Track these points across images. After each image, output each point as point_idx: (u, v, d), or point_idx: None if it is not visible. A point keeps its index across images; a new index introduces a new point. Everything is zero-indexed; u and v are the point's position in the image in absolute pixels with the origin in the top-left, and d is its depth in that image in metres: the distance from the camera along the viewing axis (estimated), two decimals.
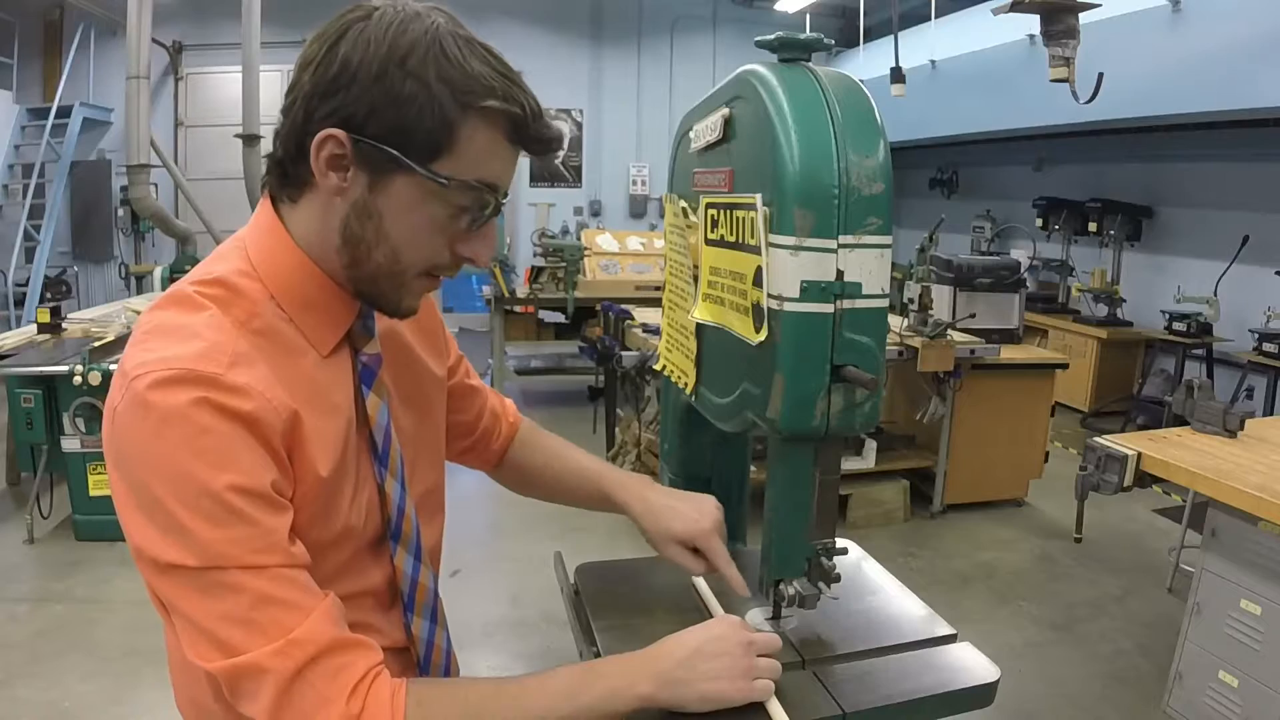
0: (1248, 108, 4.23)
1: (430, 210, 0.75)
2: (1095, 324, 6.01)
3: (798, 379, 0.87)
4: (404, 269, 0.78)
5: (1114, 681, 2.78)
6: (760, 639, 0.88)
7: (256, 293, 0.77)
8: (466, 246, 0.79)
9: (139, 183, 5.45)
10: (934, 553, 3.80)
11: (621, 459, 4.15)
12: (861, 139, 0.86)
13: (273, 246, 0.79)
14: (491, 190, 0.77)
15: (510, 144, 0.76)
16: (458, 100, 0.72)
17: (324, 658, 0.71)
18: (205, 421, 0.67)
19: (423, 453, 0.95)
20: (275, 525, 0.70)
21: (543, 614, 3.11)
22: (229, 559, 0.68)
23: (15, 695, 2.55)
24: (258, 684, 0.69)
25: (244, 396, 0.69)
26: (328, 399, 0.79)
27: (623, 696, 0.81)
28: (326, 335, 0.81)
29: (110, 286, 8.03)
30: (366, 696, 0.71)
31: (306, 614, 0.71)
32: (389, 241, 0.76)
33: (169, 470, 0.67)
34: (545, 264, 5.75)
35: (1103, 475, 2.44)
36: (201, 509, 0.67)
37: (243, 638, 0.68)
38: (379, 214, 0.75)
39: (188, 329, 0.72)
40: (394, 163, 0.73)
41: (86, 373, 3.32)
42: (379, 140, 0.72)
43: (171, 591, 0.69)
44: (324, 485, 0.77)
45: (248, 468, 0.69)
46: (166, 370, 0.68)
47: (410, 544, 0.89)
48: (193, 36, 8.21)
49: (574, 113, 9.14)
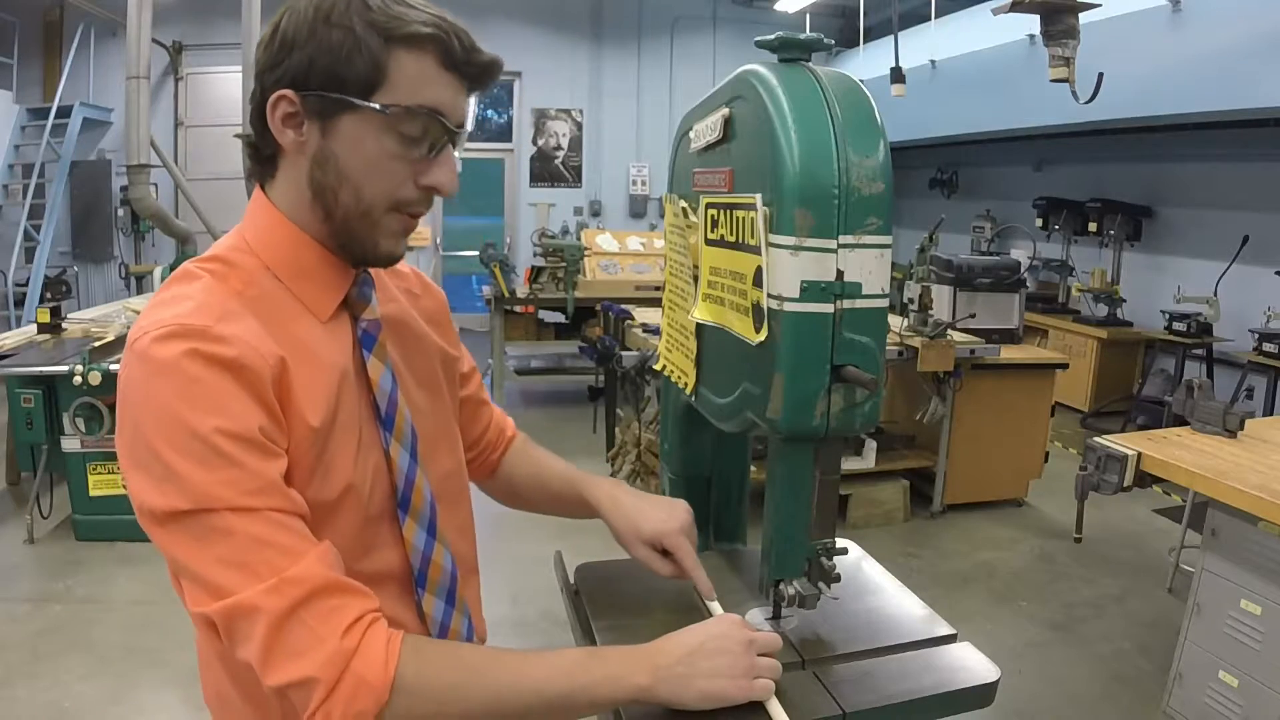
0: (1248, 108, 4.23)
1: (380, 142, 0.80)
2: (1095, 324, 6.01)
3: (798, 379, 0.87)
4: (369, 205, 0.82)
5: (1114, 681, 2.78)
6: (761, 638, 0.88)
7: (252, 265, 0.82)
8: (428, 176, 0.83)
9: (139, 183, 5.44)
10: (934, 553, 3.80)
11: (621, 459, 4.15)
12: (861, 139, 0.86)
13: (263, 222, 0.85)
14: (435, 115, 0.80)
15: (444, 70, 0.80)
16: (381, 34, 0.77)
17: (318, 598, 0.72)
18: (194, 371, 0.71)
19: (441, 435, 0.97)
20: (264, 469, 0.72)
21: (543, 614, 3.11)
22: (219, 500, 0.70)
23: (15, 695, 2.55)
24: (251, 623, 0.70)
25: (229, 344, 0.73)
26: (318, 354, 0.82)
27: (620, 684, 0.81)
28: (323, 301, 0.85)
29: (110, 286, 8.03)
30: (362, 637, 0.72)
31: (299, 557, 0.72)
32: (349, 181, 0.81)
33: (161, 418, 0.71)
34: (545, 264, 5.75)
35: (1103, 475, 2.44)
36: (191, 452, 0.70)
37: (236, 579, 0.70)
38: (335, 156, 0.80)
39: (184, 295, 0.78)
40: (337, 104, 0.78)
41: (86, 373, 3.31)
42: (321, 89, 0.78)
43: (171, 543, 0.71)
44: (316, 436, 0.79)
45: (235, 413, 0.72)
46: (160, 329, 0.73)
47: (422, 518, 0.89)
48: (193, 36, 8.21)
49: (574, 113, 9.14)
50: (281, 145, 0.81)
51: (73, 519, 3.64)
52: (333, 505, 0.81)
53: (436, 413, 0.97)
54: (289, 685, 0.71)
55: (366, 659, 0.71)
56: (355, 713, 0.71)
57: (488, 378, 6.43)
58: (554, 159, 9.21)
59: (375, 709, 0.71)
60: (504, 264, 5.70)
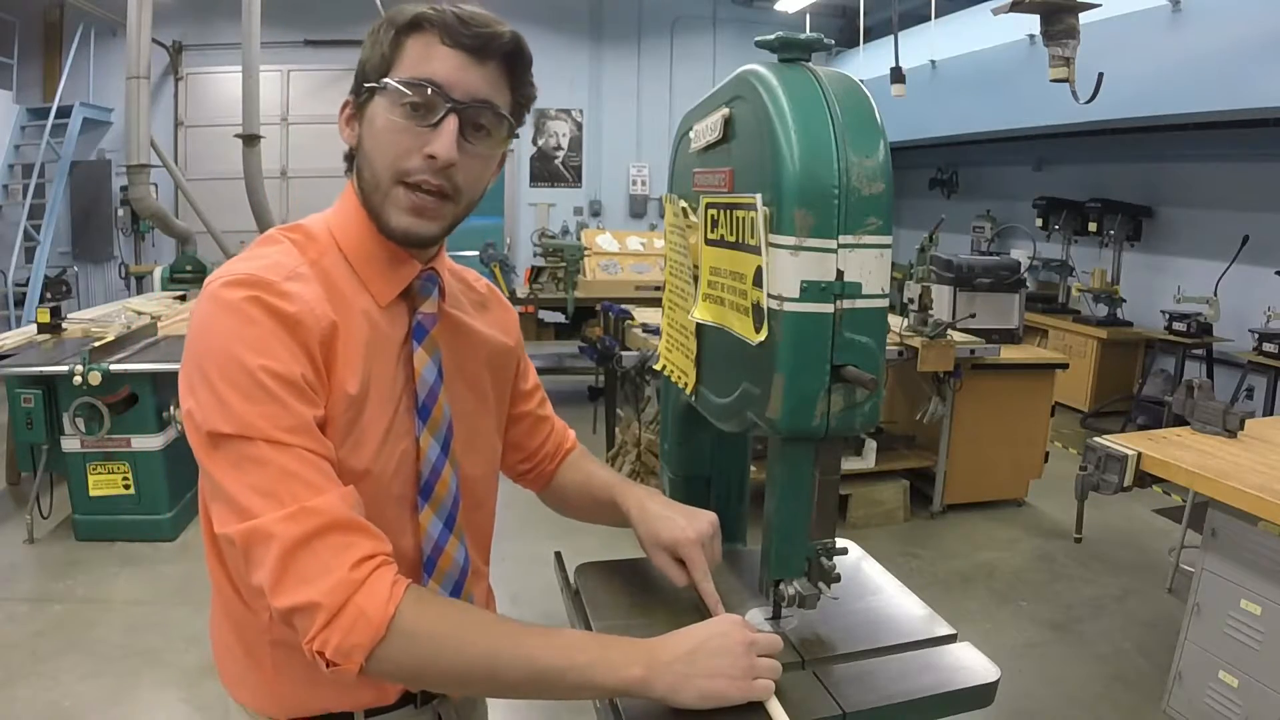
0: (1248, 108, 4.23)
1: (387, 116, 0.86)
2: (1095, 324, 6.01)
3: (798, 379, 0.87)
4: (379, 178, 0.88)
5: (1114, 681, 2.78)
6: (762, 639, 0.88)
7: (327, 240, 0.91)
8: (428, 145, 0.86)
9: (139, 183, 5.44)
10: (934, 553, 3.80)
11: (621, 459, 4.15)
12: (861, 139, 0.86)
13: (344, 208, 0.94)
14: (432, 85, 0.85)
15: (445, 45, 0.86)
16: (392, 26, 0.87)
17: (332, 532, 0.75)
18: (253, 314, 0.79)
19: (479, 438, 1.01)
20: (302, 411, 0.79)
21: (543, 614, 3.11)
22: (257, 430, 0.76)
23: (15, 695, 2.55)
24: (265, 549, 0.74)
25: (290, 300, 0.81)
26: (368, 330, 0.88)
27: (614, 672, 0.81)
28: (385, 288, 0.91)
29: (110, 286, 8.03)
30: (370, 574, 0.75)
31: (322, 491, 0.77)
32: (367, 157, 0.89)
33: (216, 350, 0.78)
34: (545, 264, 5.76)
35: (1103, 475, 2.44)
36: (237, 383, 0.77)
37: (261, 504, 0.75)
38: (362, 140, 0.90)
39: (263, 254, 0.87)
40: (367, 93, 0.88)
41: (86, 373, 3.31)
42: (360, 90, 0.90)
43: (213, 464, 0.78)
44: (351, 403, 0.85)
45: (282, 357, 0.79)
46: (233, 275, 0.81)
47: (443, 509, 0.92)
48: (193, 36, 8.21)
49: (574, 113, 9.14)
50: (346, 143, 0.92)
51: (73, 519, 3.64)
52: (359, 475, 0.85)
53: (479, 416, 1.01)
54: (294, 609, 0.74)
55: (370, 594, 0.74)
56: (351, 645, 0.74)
57: None
58: (554, 159, 9.21)
59: (370, 644, 0.74)
60: (504, 264, 5.71)
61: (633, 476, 4.01)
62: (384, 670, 0.76)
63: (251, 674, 0.93)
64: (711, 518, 1.07)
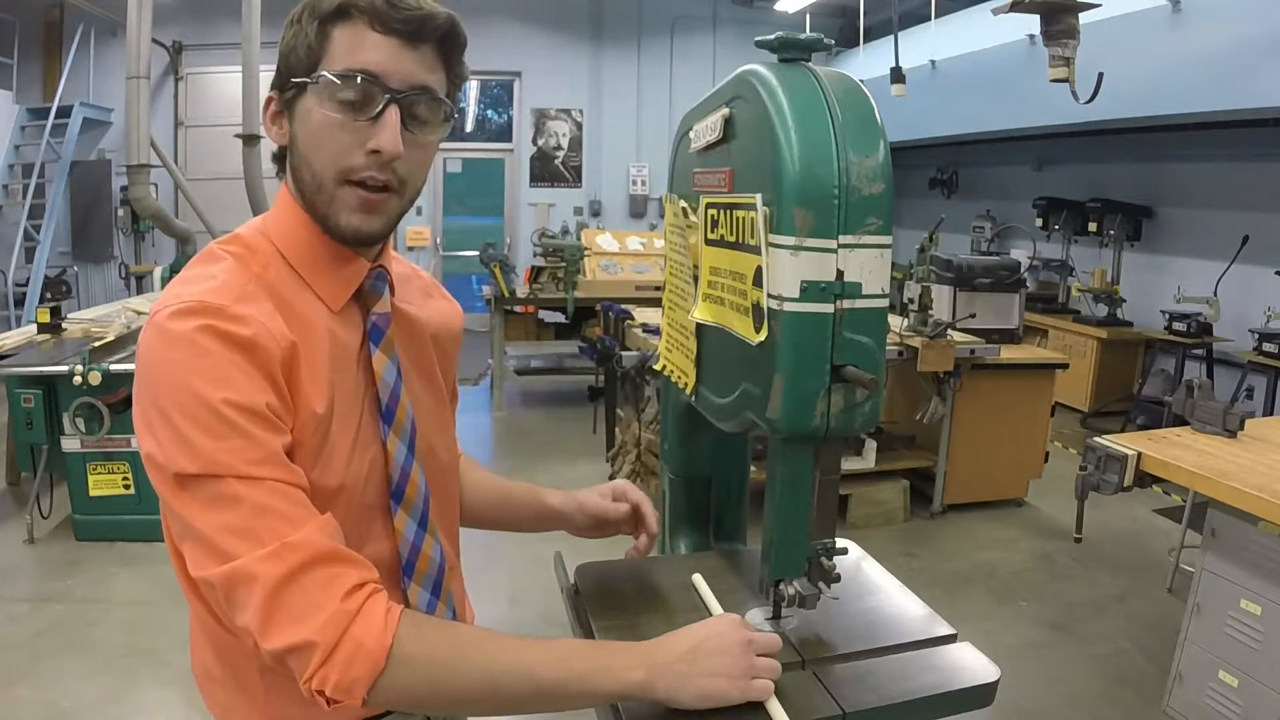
0: (1248, 108, 4.23)
1: (321, 113, 0.82)
2: (1095, 324, 6.01)
3: (798, 379, 0.87)
4: (320, 178, 0.83)
5: (1114, 681, 2.78)
6: (760, 638, 0.88)
7: (268, 250, 0.86)
8: (371, 140, 0.82)
9: (139, 183, 5.44)
10: (934, 553, 3.80)
11: (621, 459, 4.15)
12: (861, 139, 0.86)
13: (282, 212, 0.89)
14: (367, 76, 0.81)
15: (376, 32, 0.81)
16: (315, 16, 0.82)
17: (317, 565, 0.73)
18: (207, 345, 0.75)
19: (439, 429, 0.99)
20: (270, 442, 0.75)
21: (543, 614, 3.11)
22: (226, 468, 0.73)
23: (15, 695, 2.55)
24: (249, 589, 0.71)
25: (244, 324, 0.76)
26: (327, 342, 0.84)
27: (615, 677, 0.81)
28: (336, 291, 0.87)
29: (110, 286, 8.03)
30: (362, 604, 0.73)
31: (301, 525, 0.74)
32: (304, 157, 0.84)
33: (174, 386, 0.74)
34: (545, 264, 5.75)
35: (1103, 475, 2.44)
36: (199, 420, 0.73)
37: (239, 544, 0.72)
38: (296, 138, 0.85)
39: (206, 275, 0.81)
40: (293, 90, 0.84)
41: (86, 373, 3.31)
42: (285, 84, 0.84)
43: (182, 505, 0.74)
44: (320, 422, 0.81)
45: (244, 388, 0.75)
46: (180, 304, 0.76)
47: (415, 510, 0.90)
48: (193, 36, 8.21)
49: (574, 113, 9.14)
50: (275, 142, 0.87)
51: (73, 519, 3.64)
52: (332, 493, 0.82)
53: (438, 409, 0.99)
54: (287, 650, 0.71)
55: (366, 625, 0.73)
56: (351, 680, 0.72)
57: (488, 378, 6.43)
58: (554, 159, 9.21)
59: (371, 677, 0.72)
60: (504, 264, 5.70)
61: (633, 476, 4.01)
62: (387, 700, 0.75)
63: (241, 701, 0.89)
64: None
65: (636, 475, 3.99)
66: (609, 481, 1.20)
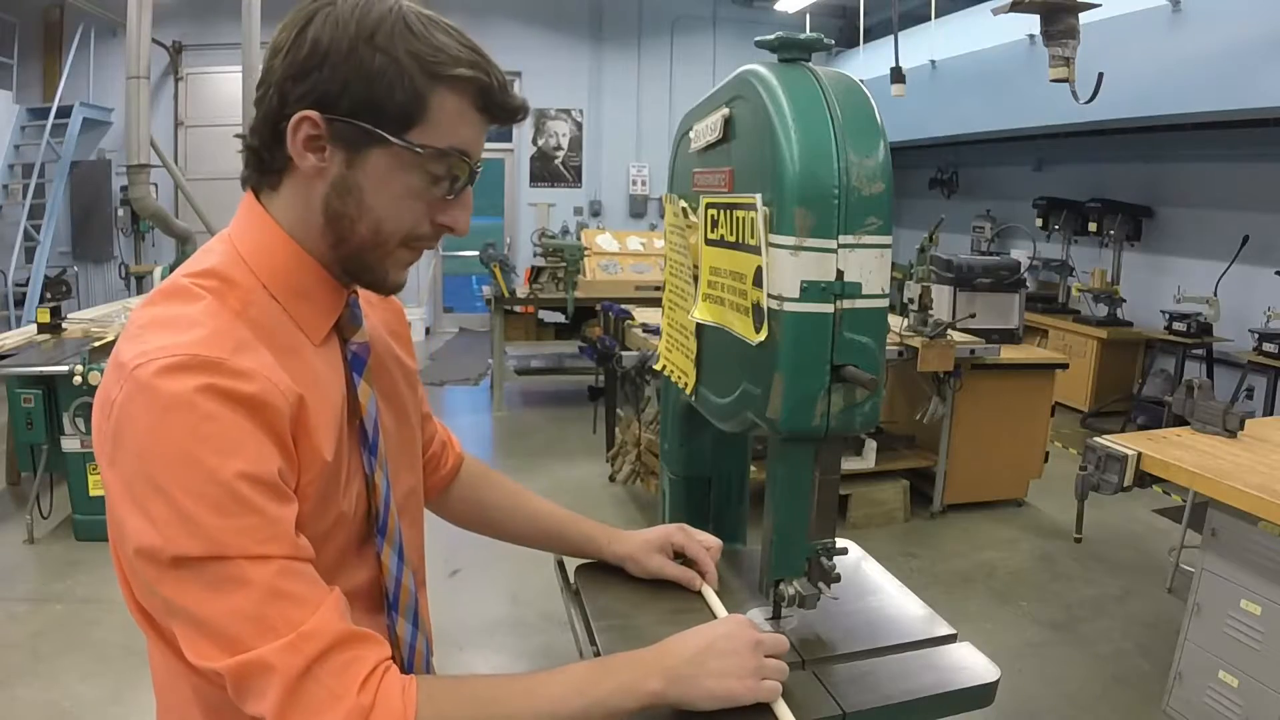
0: (1248, 108, 4.22)
1: (407, 180, 0.76)
2: (1095, 324, 6.01)
3: (798, 379, 0.87)
4: (386, 240, 0.79)
5: (1114, 681, 2.78)
6: (768, 639, 0.88)
7: (249, 282, 0.77)
8: (445, 215, 0.80)
9: (139, 183, 5.44)
10: (934, 553, 3.80)
11: (621, 459, 4.15)
12: (861, 139, 0.86)
13: (260, 236, 0.80)
14: (464, 156, 0.78)
15: (478, 112, 0.78)
16: (426, 71, 0.74)
17: (333, 652, 0.69)
18: (210, 408, 0.66)
19: (403, 453, 0.95)
20: (281, 515, 0.70)
21: (543, 614, 3.11)
22: (235, 549, 0.66)
23: (15, 695, 2.55)
24: (265, 682, 0.67)
25: (249, 380, 0.69)
26: (324, 384, 0.79)
27: (633, 692, 0.80)
28: (318, 323, 0.81)
29: (110, 286, 8.03)
30: (377, 691, 0.70)
31: (315, 608, 0.70)
32: (371, 214, 0.77)
33: (174, 458, 0.66)
34: (545, 264, 5.75)
35: (1103, 475, 2.44)
36: (208, 497, 0.65)
37: (251, 633, 0.67)
38: (359, 188, 0.76)
39: (186, 318, 0.72)
40: (369, 136, 0.74)
41: (86, 373, 3.32)
42: (352, 116, 0.74)
43: (177, 590, 0.67)
44: (327, 470, 0.77)
45: (255, 455, 0.68)
46: (169, 357, 0.67)
47: (394, 542, 0.88)
48: (193, 36, 8.21)
49: (574, 113, 9.14)
50: (297, 165, 0.76)
51: (73, 519, 3.64)
52: (324, 535, 0.79)
53: (400, 430, 0.94)
54: None
55: (384, 712, 0.69)
56: None
57: (488, 378, 6.43)
58: (554, 159, 9.21)
59: None
60: (504, 264, 5.70)
61: (632, 476, 4.02)
62: None
63: None
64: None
65: (636, 475, 3.99)
66: (659, 528, 1.15)
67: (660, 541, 1.12)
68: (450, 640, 2.88)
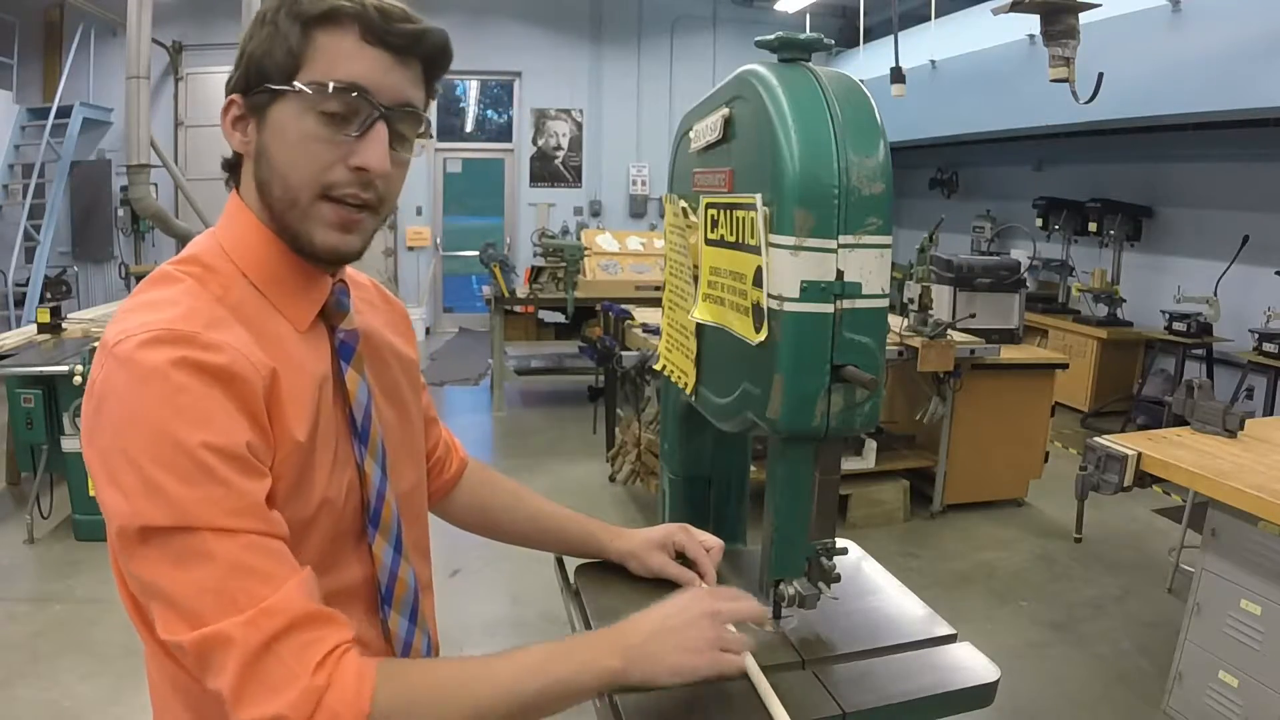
0: (1248, 108, 4.23)
1: (301, 125, 0.77)
2: (1095, 324, 6.01)
3: (798, 379, 0.87)
4: (295, 193, 0.79)
5: (1114, 681, 2.78)
6: (726, 608, 0.86)
7: (229, 270, 0.80)
8: (356, 156, 0.79)
9: (139, 183, 5.45)
10: (934, 553, 3.80)
11: (621, 459, 4.15)
12: (861, 139, 0.86)
13: (238, 227, 0.83)
14: (356, 90, 0.77)
15: (366, 44, 0.77)
16: (297, 17, 0.77)
17: (294, 631, 0.69)
18: (182, 380, 0.68)
19: (405, 448, 0.95)
20: (249, 489, 0.70)
21: (543, 614, 3.11)
22: (201, 519, 0.67)
23: (15, 695, 2.55)
24: (224, 655, 0.67)
25: (219, 351, 0.71)
26: (301, 365, 0.80)
27: (591, 670, 0.79)
28: (301, 310, 0.83)
29: (110, 286, 8.04)
30: (333, 673, 0.70)
31: (280, 584, 0.69)
32: (277, 170, 0.79)
33: (144, 427, 0.67)
34: (545, 264, 5.75)
35: (1103, 475, 2.44)
36: (175, 466, 0.67)
37: (213, 607, 0.67)
38: (268, 149, 0.79)
39: (166, 299, 0.75)
40: (265, 95, 0.78)
41: (86, 373, 3.31)
42: (254, 86, 0.78)
43: (145, 566, 0.68)
44: (301, 451, 0.77)
45: (223, 428, 0.69)
46: (145, 333, 0.70)
47: (390, 534, 0.87)
48: (193, 36, 8.21)
49: (574, 113, 9.14)
50: (239, 150, 0.82)
51: (73, 519, 3.64)
52: (308, 522, 0.78)
53: (402, 426, 0.95)
54: None
55: (339, 694, 0.69)
56: None
57: (488, 378, 6.43)
58: (554, 159, 9.21)
59: None
60: (504, 264, 5.70)
61: (632, 476, 4.02)
62: None
63: None
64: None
65: (636, 475, 3.99)
66: (661, 527, 1.15)
67: (662, 540, 1.12)
68: (450, 640, 2.86)
